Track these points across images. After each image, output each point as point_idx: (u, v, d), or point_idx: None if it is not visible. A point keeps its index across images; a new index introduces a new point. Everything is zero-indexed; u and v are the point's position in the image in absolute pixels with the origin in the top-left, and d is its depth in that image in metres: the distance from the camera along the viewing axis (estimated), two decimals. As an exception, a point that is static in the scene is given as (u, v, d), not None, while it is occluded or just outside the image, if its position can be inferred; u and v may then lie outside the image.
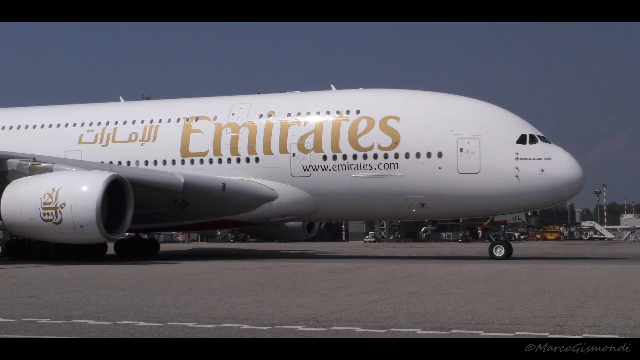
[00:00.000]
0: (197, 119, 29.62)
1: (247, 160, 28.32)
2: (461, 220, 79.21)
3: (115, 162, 29.30)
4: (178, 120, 29.89)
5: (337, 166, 27.16)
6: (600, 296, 12.13)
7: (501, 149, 25.68)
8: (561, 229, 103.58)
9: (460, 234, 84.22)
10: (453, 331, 8.20)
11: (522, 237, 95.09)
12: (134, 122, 30.51)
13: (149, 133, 29.92)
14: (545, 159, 25.35)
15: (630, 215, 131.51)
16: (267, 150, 28.11)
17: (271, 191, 27.95)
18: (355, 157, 26.95)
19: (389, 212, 29.03)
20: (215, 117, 29.34)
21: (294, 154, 27.70)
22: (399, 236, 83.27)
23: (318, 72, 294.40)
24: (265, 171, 28.01)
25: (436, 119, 26.76)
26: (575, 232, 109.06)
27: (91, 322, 9.17)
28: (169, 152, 29.37)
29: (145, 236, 35.17)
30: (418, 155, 26.28)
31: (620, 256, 30.79)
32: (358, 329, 8.41)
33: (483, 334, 8.02)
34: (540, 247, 50.60)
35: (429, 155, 26.18)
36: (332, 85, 30.68)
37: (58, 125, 31.58)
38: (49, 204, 23.53)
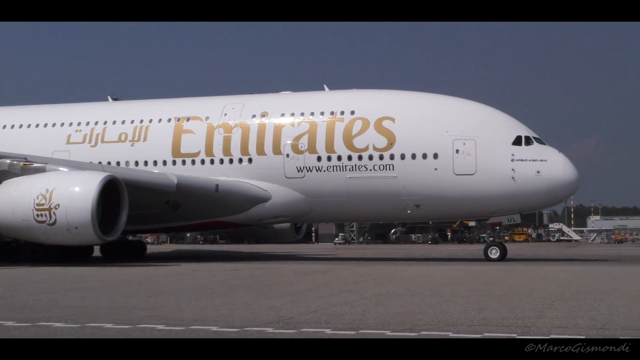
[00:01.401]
0: (188, 119, 29.25)
1: (240, 161, 28.01)
2: (430, 222, 79.49)
3: (104, 163, 28.74)
4: (169, 120, 29.49)
5: (331, 167, 26.95)
6: (568, 298, 12.26)
7: (497, 150, 25.63)
8: (529, 231, 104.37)
9: (430, 236, 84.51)
10: (422, 333, 8.24)
11: (490, 239, 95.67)
12: (123, 122, 30.01)
13: (139, 133, 29.46)
14: (541, 160, 25.34)
15: (597, 217, 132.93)
16: (261, 151, 27.79)
17: (264, 192, 27.66)
18: (350, 158, 26.75)
19: (384, 213, 28.82)
20: (207, 118, 29.00)
21: (287, 155, 27.40)
22: (369, 238, 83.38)
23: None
24: (259, 172, 27.72)
25: (432, 120, 26.65)
26: (543, 234, 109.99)
27: (58, 324, 9.08)
28: (160, 152, 28.96)
29: (130, 237, 34.42)
30: (414, 156, 26.17)
31: (587, 258, 31.12)
32: (328, 331, 8.42)
33: (452, 335, 8.07)
34: (508, 249, 50.89)
35: (424, 156, 26.06)
36: (325, 86, 30.47)
37: (45, 125, 30.98)
38: (43, 204, 23.10)
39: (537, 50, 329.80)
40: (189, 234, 75.68)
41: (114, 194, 24.10)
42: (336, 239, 78.20)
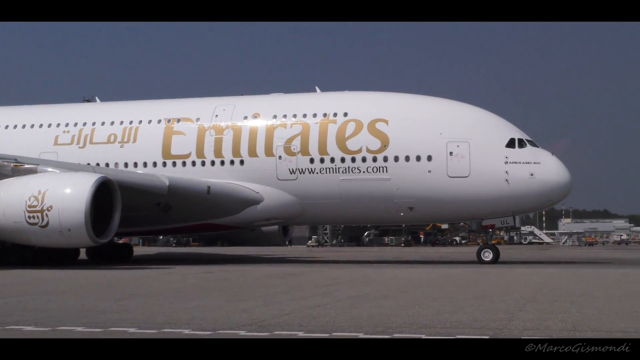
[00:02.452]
0: (178, 120, 28.96)
1: (232, 162, 27.77)
2: (403, 225, 79.71)
3: (93, 164, 28.27)
4: (159, 121, 29.17)
5: (324, 169, 26.79)
6: (539, 300, 12.34)
7: (491, 152, 25.62)
8: (501, 234, 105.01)
9: (403, 238, 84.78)
10: (395, 335, 8.25)
11: (463, 241, 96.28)
12: (112, 123, 29.62)
13: (128, 134, 29.10)
14: (535, 162, 25.37)
15: (568, 220, 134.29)
16: (253, 153, 27.58)
17: (256, 194, 27.46)
18: (343, 160, 26.63)
19: (377, 216, 28.81)
20: (197, 119, 28.74)
21: (280, 157, 27.21)
22: (342, 240, 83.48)
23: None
24: (250, 174, 27.51)
25: (425, 122, 26.57)
26: (515, 237, 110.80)
27: (28, 328, 8.97)
28: (150, 154, 28.63)
29: (116, 239, 33.61)
30: (407, 158, 26.09)
31: (558, 260, 31.36)
32: (301, 334, 8.40)
33: (424, 337, 8.09)
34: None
35: (418, 158, 25.99)
36: (316, 88, 30.28)
37: (32, 126, 30.51)
38: (35, 206, 22.72)
39: (510, 49, 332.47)
40: (161, 237, 75.28)
41: (106, 195, 23.75)
42: (309, 241, 78.24)
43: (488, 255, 26.04)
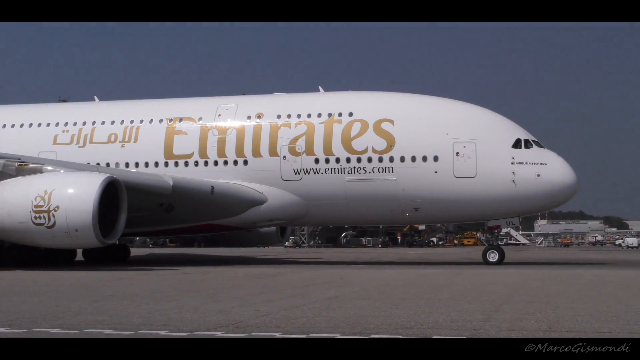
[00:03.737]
0: (180, 119, 28.66)
1: (235, 162, 27.54)
2: (381, 226, 79.93)
3: (93, 164, 27.77)
4: (160, 121, 28.86)
5: (329, 169, 26.60)
6: (515, 300, 12.41)
7: (497, 153, 25.56)
8: (478, 235, 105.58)
9: (380, 239, 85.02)
10: (372, 336, 8.26)
11: (440, 242, 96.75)
12: (113, 122, 29.27)
13: (129, 134, 28.75)
14: (541, 163, 25.31)
15: (544, 221, 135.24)
16: (256, 153, 27.38)
17: (260, 195, 27.23)
18: (348, 160, 26.46)
19: (382, 217, 28.64)
20: (200, 118, 28.48)
21: (284, 157, 27.00)
22: (320, 242, 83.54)
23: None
24: (254, 174, 27.29)
25: (431, 122, 26.45)
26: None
27: (2, 330, 8.89)
28: (152, 154, 28.31)
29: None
30: (413, 159, 25.96)
31: (534, 261, 31.56)
32: (278, 335, 8.39)
33: (402, 338, 8.11)
34: (458, 252, 51.52)
35: (424, 159, 25.88)
36: (320, 87, 30.09)
37: (30, 125, 30.05)
38: (41, 206, 22.26)
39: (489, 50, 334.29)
40: (137, 237, 74.78)
41: (110, 195, 23.31)
42: (287, 242, 78.12)
43: (494, 257, 25.94)
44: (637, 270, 22.54)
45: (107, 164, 28.29)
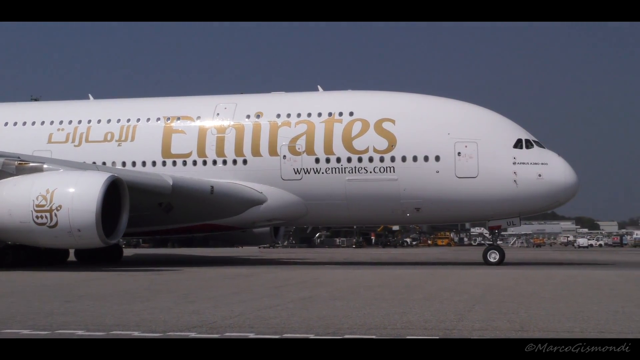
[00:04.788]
0: (178, 118, 28.34)
1: (234, 162, 27.28)
2: (355, 227, 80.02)
3: (89, 163, 27.19)
4: (158, 119, 28.50)
5: (330, 169, 26.43)
6: (488, 300, 12.48)
7: (499, 153, 25.54)
8: (451, 235, 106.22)
9: (355, 240, 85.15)
10: (346, 336, 8.26)
11: (414, 242, 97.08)
12: (109, 121, 28.84)
13: (126, 133, 28.36)
14: (542, 163, 25.33)
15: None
16: (256, 152, 27.13)
17: (259, 194, 26.99)
18: (349, 160, 26.30)
19: (382, 216, 28.55)
20: (198, 117, 28.18)
21: (284, 156, 26.77)
22: (294, 242, 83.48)
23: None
24: (254, 174, 27.04)
25: (432, 122, 26.37)
26: (465, 238, 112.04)
27: (-27, 331, 8.80)
28: (149, 153, 27.95)
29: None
30: (415, 158, 25.87)
31: (507, 261, 31.69)
32: (252, 335, 8.37)
33: (375, 338, 8.12)
34: (431, 252, 51.73)
35: (426, 158, 25.80)
36: (319, 87, 29.91)
37: (24, 124, 29.54)
38: (43, 206, 21.87)
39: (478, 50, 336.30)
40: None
41: (113, 195, 22.90)
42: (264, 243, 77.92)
43: (495, 257, 26.00)
44: (609, 270, 22.74)
45: (104, 163, 27.83)
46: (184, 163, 27.71)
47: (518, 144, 25.71)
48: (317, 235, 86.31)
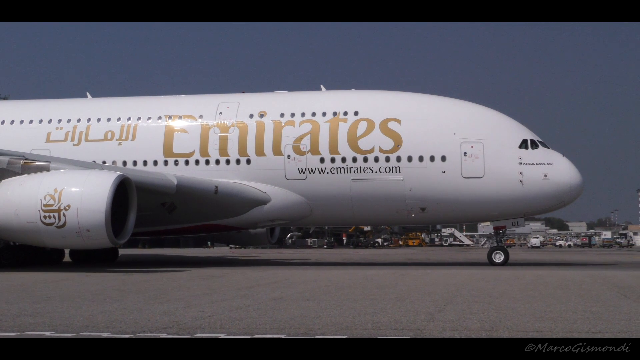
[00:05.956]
0: (180, 117, 28.06)
1: (238, 161, 27.03)
2: (326, 227, 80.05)
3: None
4: (159, 118, 28.18)
5: (335, 169, 26.29)
6: (458, 301, 12.55)
7: (505, 153, 25.56)
8: (423, 236, 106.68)
9: (326, 240, 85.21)
10: (317, 336, 8.27)
11: (385, 243, 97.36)
12: (109, 119, 28.46)
13: (126, 131, 28.00)
14: (548, 164, 25.37)
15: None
16: (260, 152, 26.92)
17: (263, 194, 26.78)
18: (355, 159, 26.20)
19: (387, 217, 28.36)
20: (200, 116, 27.89)
21: (289, 156, 26.61)
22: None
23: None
24: (257, 173, 26.81)
25: (438, 122, 26.33)
26: (436, 239, 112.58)
27: (-61, 332, 8.68)
28: (151, 152, 27.61)
29: None
30: (421, 158, 25.83)
31: (478, 262, 31.93)
32: (222, 336, 8.35)
33: (346, 338, 8.13)
34: (403, 253, 51.91)
35: (432, 158, 25.77)
36: (321, 86, 29.77)
37: (21, 122, 29.05)
38: (51, 205, 21.45)
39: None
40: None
41: (119, 194, 22.57)
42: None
43: (500, 257, 26.03)
44: (576, 271, 22.97)
45: (104, 162, 27.40)
46: (186, 162, 27.46)
47: (523, 144, 25.80)
48: (288, 235, 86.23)
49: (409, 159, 25.95)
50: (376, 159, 26.15)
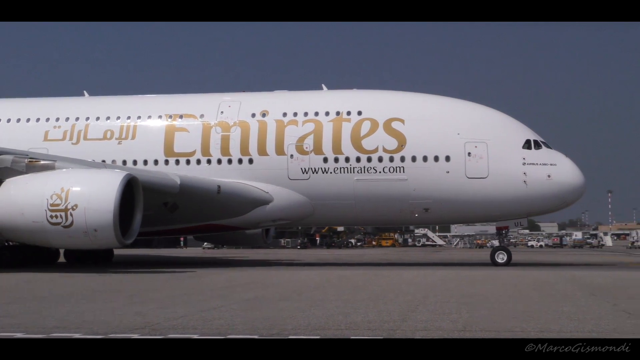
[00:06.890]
0: (181, 116, 27.71)
1: (240, 161, 26.77)
2: (299, 227, 79.94)
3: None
4: (160, 117, 27.86)
5: (338, 169, 26.11)
6: (431, 301, 12.61)
7: (509, 153, 25.54)
8: (396, 236, 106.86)
9: (299, 241, 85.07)
10: (290, 337, 8.28)
11: (358, 243, 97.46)
12: (108, 118, 28.09)
13: (126, 131, 27.62)
14: (551, 164, 25.38)
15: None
16: (262, 151, 26.66)
17: (266, 194, 26.53)
18: (358, 159, 26.05)
19: (390, 217, 28.11)
20: (202, 115, 27.57)
21: (291, 156, 26.39)
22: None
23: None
24: (260, 173, 26.55)
25: (442, 122, 26.27)
26: (409, 239, 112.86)
27: None
28: (151, 151, 27.23)
29: None
30: (425, 158, 25.73)
31: (450, 262, 32.12)
32: (195, 336, 8.33)
33: (319, 338, 8.14)
34: (376, 253, 52.02)
35: (436, 159, 25.68)
36: (323, 85, 29.60)
37: (18, 120, 28.57)
38: (58, 205, 21.04)
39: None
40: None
41: (125, 194, 22.08)
42: (205, 243, 77.11)
43: (502, 257, 26.04)
44: (549, 271, 23.15)
45: (103, 161, 26.93)
46: (188, 162, 27.19)
47: (527, 145, 25.83)
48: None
49: (413, 159, 25.94)
50: (380, 159, 26.10)
